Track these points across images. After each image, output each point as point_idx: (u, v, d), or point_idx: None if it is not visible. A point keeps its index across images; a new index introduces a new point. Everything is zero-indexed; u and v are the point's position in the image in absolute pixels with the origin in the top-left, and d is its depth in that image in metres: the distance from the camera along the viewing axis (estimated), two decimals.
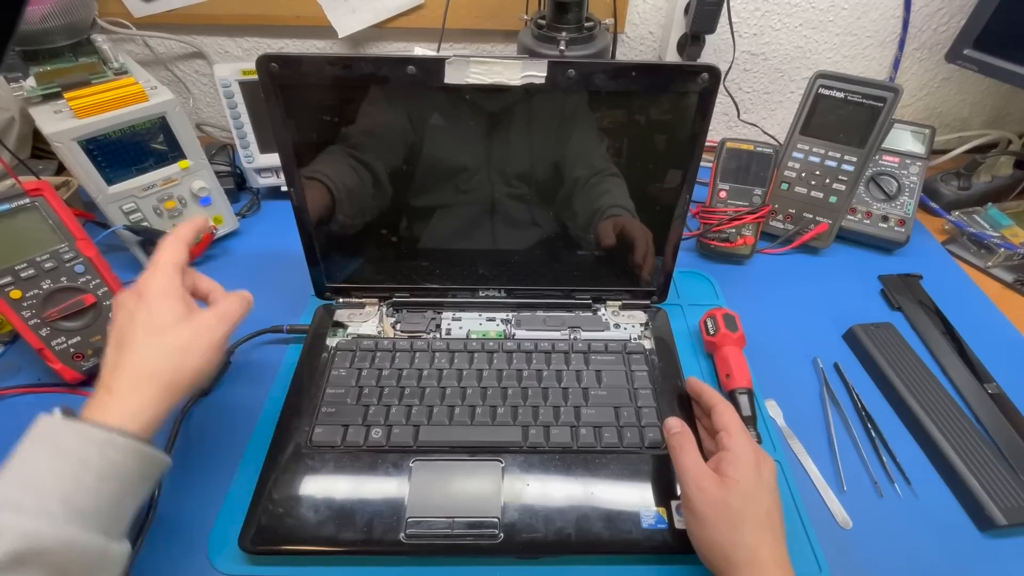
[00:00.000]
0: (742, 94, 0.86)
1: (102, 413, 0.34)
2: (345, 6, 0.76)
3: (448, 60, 0.43)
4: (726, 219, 0.65)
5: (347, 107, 0.46)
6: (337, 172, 0.50)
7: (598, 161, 0.49)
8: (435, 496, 0.43)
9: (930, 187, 0.78)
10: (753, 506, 0.37)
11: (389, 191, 0.51)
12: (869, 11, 0.77)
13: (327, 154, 0.48)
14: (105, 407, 0.35)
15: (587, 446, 0.47)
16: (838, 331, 0.60)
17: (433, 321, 0.57)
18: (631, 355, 0.53)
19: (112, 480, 0.33)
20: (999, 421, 0.50)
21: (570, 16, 0.65)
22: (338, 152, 0.48)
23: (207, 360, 0.38)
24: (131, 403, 0.35)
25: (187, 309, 0.39)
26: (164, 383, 0.36)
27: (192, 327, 0.38)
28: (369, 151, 0.49)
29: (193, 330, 0.38)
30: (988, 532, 0.44)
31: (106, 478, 0.33)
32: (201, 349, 0.38)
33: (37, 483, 0.31)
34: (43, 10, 0.55)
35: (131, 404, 0.35)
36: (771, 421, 0.51)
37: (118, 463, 0.33)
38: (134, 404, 0.35)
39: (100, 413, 0.34)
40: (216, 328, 0.39)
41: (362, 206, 0.52)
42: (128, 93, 0.55)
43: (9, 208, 0.46)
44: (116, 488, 0.33)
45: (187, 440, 0.49)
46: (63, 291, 0.49)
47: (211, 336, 0.39)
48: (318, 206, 0.51)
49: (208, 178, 0.64)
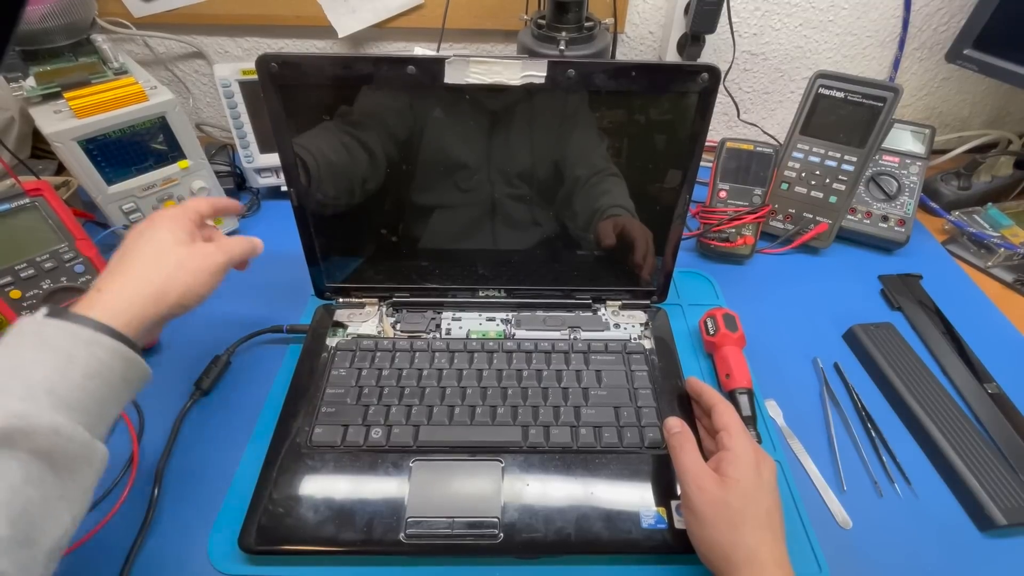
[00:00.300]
0: (742, 94, 0.86)
1: (88, 308, 0.35)
2: (345, 6, 0.76)
3: (448, 60, 0.43)
4: (726, 219, 0.65)
5: (347, 107, 0.46)
6: (320, 147, 0.48)
7: (598, 161, 0.49)
8: (435, 496, 0.43)
9: (930, 187, 0.78)
10: (753, 506, 0.37)
11: (384, 177, 0.50)
12: (869, 11, 0.77)
13: (319, 128, 0.47)
14: (92, 303, 0.35)
15: (587, 446, 0.47)
16: (838, 331, 0.60)
17: (433, 321, 0.57)
18: (631, 355, 0.53)
19: (97, 378, 0.33)
20: (999, 421, 0.50)
21: (570, 16, 0.65)
22: (332, 127, 0.47)
23: (199, 280, 0.40)
24: (118, 301, 0.36)
25: (190, 237, 0.41)
26: (153, 289, 0.37)
27: (190, 249, 0.40)
28: (368, 131, 0.48)
29: (190, 251, 0.40)
30: (988, 532, 0.44)
31: (91, 375, 0.33)
32: (195, 268, 0.40)
33: (23, 373, 0.31)
34: (43, 10, 0.55)
35: (118, 302, 0.36)
36: (771, 421, 0.51)
37: (104, 362, 0.33)
38: (121, 303, 0.36)
39: (86, 309, 0.35)
40: (214, 255, 0.41)
41: (349, 188, 0.50)
42: (128, 93, 0.55)
43: (9, 208, 0.46)
44: (101, 387, 0.33)
45: (187, 440, 0.49)
46: (63, 291, 0.49)
47: (207, 260, 0.40)
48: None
49: (208, 178, 0.64)
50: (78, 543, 0.41)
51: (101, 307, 0.35)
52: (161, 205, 0.61)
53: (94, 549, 0.41)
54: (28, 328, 0.33)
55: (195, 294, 0.40)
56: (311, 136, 0.48)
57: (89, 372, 0.33)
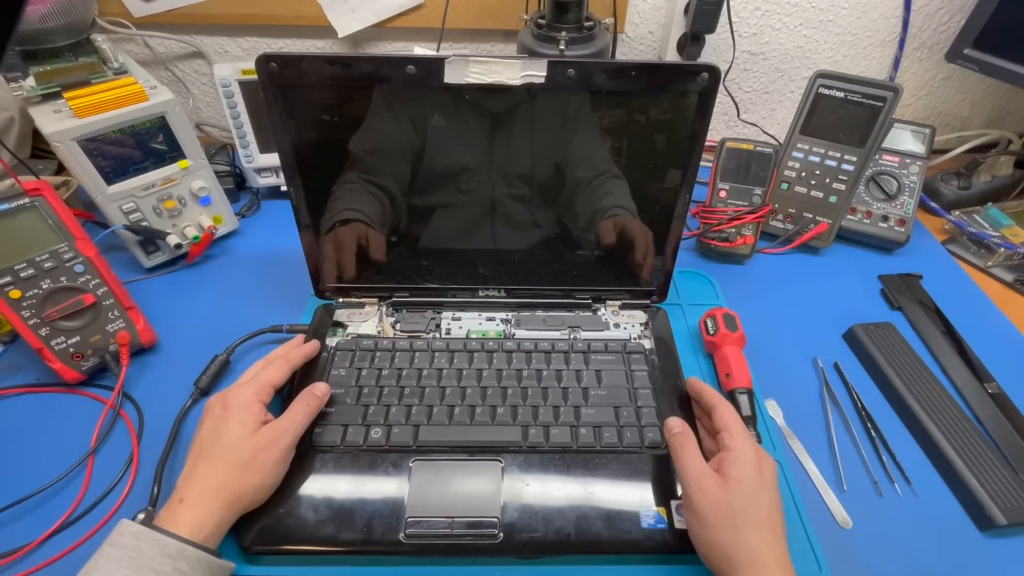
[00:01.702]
0: (742, 94, 0.86)
1: (173, 522, 0.37)
2: (345, 6, 0.76)
3: (448, 60, 0.43)
4: (726, 219, 0.65)
5: (347, 107, 0.46)
6: (365, 205, 0.51)
7: (600, 163, 0.49)
8: (435, 496, 0.43)
9: (930, 187, 0.78)
10: (755, 506, 0.37)
11: (401, 201, 0.51)
12: (869, 11, 0.77)
13: (348, 187, 0.49)
14: (176, 517, 0.37)
15: (587, 446, 0.47)
16: (838, 331, 0.60)
17: (433, 321, 0.57)
18: (631, 355, 0.53)
19: None
20: (999, 421, 0.50)
21: (570, 16, 0.65)
22: (357, 182, 0.49)
23: (267, 475, 0.41)
24: (198, 514, 0.38)
25: (257, 423, 0.42)
26: (226, 497, 0.39)
27: (255, 441, 0.41)
28: (382, 174, 0.50)
29: (255, 444, 0.41)
30: (988, 532, 0.44)
31: None
32: (261, 464, 0.40)
33: None
34: (43, 10, 0.55)
35: (198, 515, 0.37)
36: (771, 421, 0.51)
37: (187, 573, 0.35)
38: (200, 515, 0.38)
39: (171, 522, 0.37)
40: (280, 440, 0.42)
41: (384, 225, 0.53)
42: (128, 93, 0.55)
43: (9, 208, 0.46)
44: None
45: (187, 440, 0.48)
46: (63, 291, 0.49)
47: (272, 450, 0.41)
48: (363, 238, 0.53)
49: (208, 178, 0.64)
50: (78, 543, 0.41)
51: (185, 523, 0.37)
52: (161, 205, 0.61)
53: (94, 549, 0.41)
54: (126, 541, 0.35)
55: (268, 488, 0.41)
56: (351, 199, 0.50)
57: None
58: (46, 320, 0.49)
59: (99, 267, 0.50)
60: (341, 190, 0.50)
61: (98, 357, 0.52)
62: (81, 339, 0.51)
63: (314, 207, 0.51)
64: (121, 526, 0.36)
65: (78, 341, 0.50)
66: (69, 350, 0.50)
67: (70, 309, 0.49)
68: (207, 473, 0.39)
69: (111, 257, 0.54)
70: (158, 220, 0.62)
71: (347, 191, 0.50)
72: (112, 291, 0.51)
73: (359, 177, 0.49)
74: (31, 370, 0.54)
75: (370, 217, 0.52)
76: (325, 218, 0.51)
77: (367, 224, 0.52)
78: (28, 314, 0.48)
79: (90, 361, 0.51)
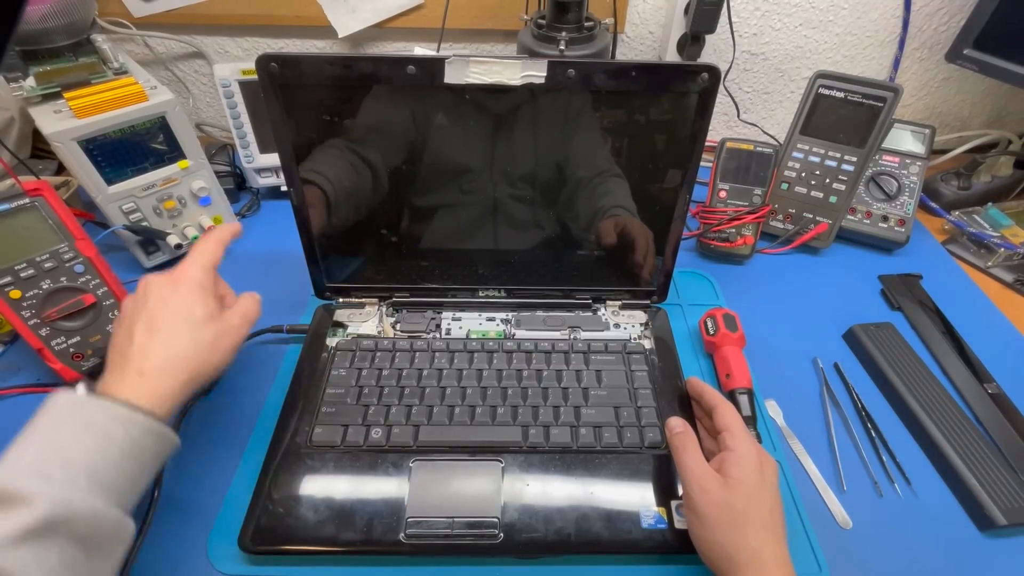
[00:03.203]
0: (742, 94, 0.86)
1: (135, 394, 0.36)
2: (345, 6, 0.76)
3: (448, 60, 0.43)
4: (726, 219, 0.65)
5: (347, 107, 0.46)
6: (336, 173, 0.49)
7: (601, 162, 0.49)
8: (435, 496, 0.43)
9: (930, 187, 0.78)
10: (756, 507, 0.37)
11: (387, 189, 0.50)
12: (869, 11, 0.77)
13: (328, 150, 0.48)
14: (137, 390, 0.36)
15: (587, 446, 0.47)
16: (838, 331, 0.60)
17: (433, 321, 0.57)
18: (631, 355, 0.53)
19: (132, 457, 0.34)
20: (999, 421, 0.50)
21: (570, 16, 0.65)
22: (340, 147, 0.48)
23: (226, 359, 0.41)
24: (160, 387, 0.37)
25: (218, 308, 0.42)
26: (191, 373, 0.38)
27: (221, 325, 0.41)
28: (372, 148, 0.48)
29: (222, 328, 0.41)
30: (988, 532, 0.44)
31: (128, 454, 0.34)
32: (224, 347, 0.41)
33: (64, 454, 0.32)
34: (43, 10, 0.55)
35: (160, 388, 0.37)
36: (771, 421, 0.51)
37: (139, 440, 0.35)
38: (163, 388, 0.37)
39: (131, 393, 0.36)
40: (240, 328, 0.42)
41: (358, 205, 0.51)
42: (128, 93, 0.55)
43: (9, 208, 0.46)
44: (135, 465, 0.35)
45: (187, 440, 0.48)
46: (63, 291, 0.49)
47: (235, 336, 0.42)
48: (314, 209, 0.51)
49: (208, 178, 0.64)
50: None
51: (147, 395, 0.36)
52: (161, 205, 0.61)
53: None
54: (65, 408, 0.34)
55: (219, 372, 0.41)
56: (322, 161, 0.48)
57: (125, 451, 0.34)
58: (46, 320, 0.49)
59: (99, 267, 0.50)
60: (320, 152, 0.48)
61: (98, 357, 0.52)
62: (81, 339, 0.51)
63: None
64: (56, 396, 0.35)
65: (78, 341, 0.50)
66: (69, 350, 0.50)
67: (70, 309, 0.49)
68: (170, 347, 0.38)
69: (111, 257, 0.54)
70: (158, 220, 0.62)
71: (325, 155, 0.48)
72: (112, 291, 0.51)
73: (345, 144, 0.48)
74: (31, 370, 0.54)
75: (334, 187, 0.50)
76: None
77: (323, 193, 0.50)
78: (28, 314, 0.48)
79: (90, 361, 0.51)
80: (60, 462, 0.32)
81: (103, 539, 0.32)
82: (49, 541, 0.30)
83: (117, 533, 0.33)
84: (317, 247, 0.53)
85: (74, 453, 0.32)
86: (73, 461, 0.32)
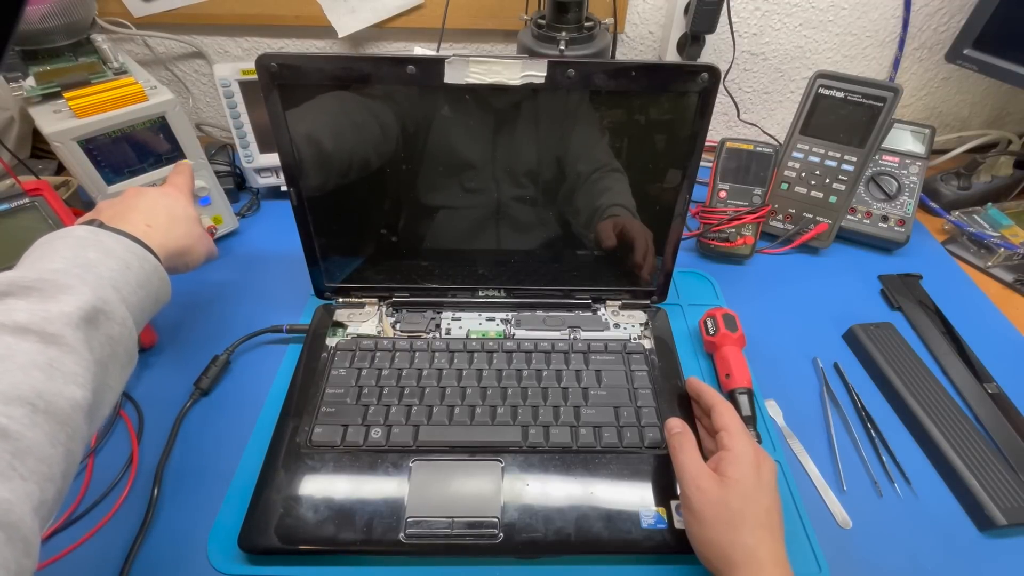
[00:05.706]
0: (742, 94, 0.86)
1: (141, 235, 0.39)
2: (345, 6, 0.76)
3: (447, 60, 0.43)
4: (726, 219, 0.65)
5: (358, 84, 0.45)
6: (337, 123, 0.48)
7: (600, 156, 0.49)
8: (435, 496, 0.43)
9: (930, 187, 0.78)
10: (753, 506, 0.37)
11: (387, 188, 0.50)
12: (869, 11, 0.77)
13: (326, 102, 0.46)
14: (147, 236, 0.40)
15: (587, 446, 0.47)
16: (838, 331, 0.60)
17: (433, 321, 0.57)
18: (631, 355, 0.53)
19: (144, 289, 0.37)
20: (999, 421, 0.50)
21: (570, 16, 0.65)
22: (334, 101, 0.46)
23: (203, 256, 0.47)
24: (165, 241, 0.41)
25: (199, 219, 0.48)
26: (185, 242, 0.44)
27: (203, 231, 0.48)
28: (380, 105, 0.46)
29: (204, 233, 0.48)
30: (988, 532, 0.44)
31: (142, 284, 0.37)
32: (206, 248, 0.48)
33: (91, 268, 0.34)
34: (43, 10, 0.55)
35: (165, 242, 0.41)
36: (771, 421, 0.51)
37: (150, 276, 0.38)
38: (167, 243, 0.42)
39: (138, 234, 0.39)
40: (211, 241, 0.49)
41: (365, 162, 0.49)
42: (128, 93, 0.55)
43: (9, 208, 0.46)
44: (144, 298, 0.37)
45: (187, 440, 0.49)
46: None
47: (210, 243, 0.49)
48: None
49: (208, 178, 0.64)
50: (78, 543, 0.41)
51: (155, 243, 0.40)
52: None
53: (93, 549, 0.41)
54: (85, 234, 0.36)
55: (197, 264, 0.46)
56: (320, 114, 0.47)
57: (140, 281, 0.37)
58: None
59: None
60: (317, 108, 0.46)
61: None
62: None
63: (314, 207, 0.51)
64: (73, 229, 0.37)
65: None
66: None
67: None
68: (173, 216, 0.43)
69: None
70: None
71: (326, 108, 0.46)
72: None
73: (354, 99, 0.46)
74: None
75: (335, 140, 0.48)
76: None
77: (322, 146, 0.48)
78: None
79: None
80: (91, 272, 0.34)
81: (127, 350, 0.34)
82: (95, 330, 0.32)
83: (134, 352, 0.35)
84: (317, 247, 0.53)
85: (100, 269, 0.34)
86: (101, 275, 0.34)
